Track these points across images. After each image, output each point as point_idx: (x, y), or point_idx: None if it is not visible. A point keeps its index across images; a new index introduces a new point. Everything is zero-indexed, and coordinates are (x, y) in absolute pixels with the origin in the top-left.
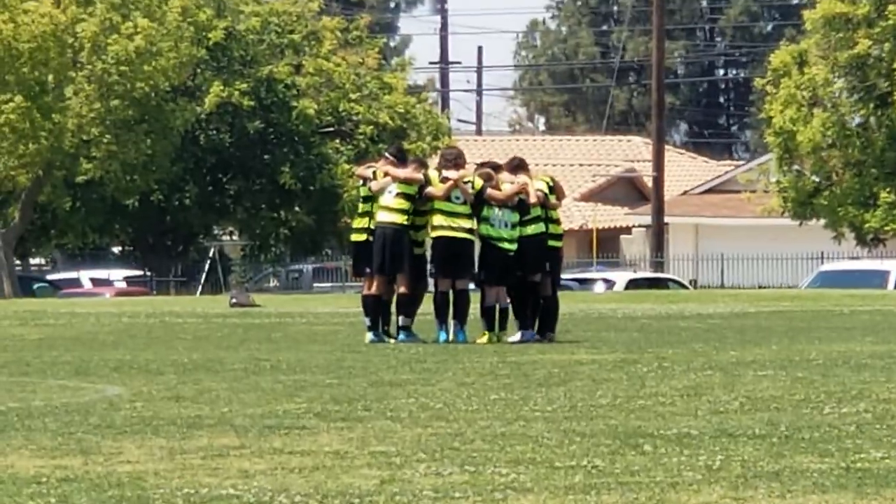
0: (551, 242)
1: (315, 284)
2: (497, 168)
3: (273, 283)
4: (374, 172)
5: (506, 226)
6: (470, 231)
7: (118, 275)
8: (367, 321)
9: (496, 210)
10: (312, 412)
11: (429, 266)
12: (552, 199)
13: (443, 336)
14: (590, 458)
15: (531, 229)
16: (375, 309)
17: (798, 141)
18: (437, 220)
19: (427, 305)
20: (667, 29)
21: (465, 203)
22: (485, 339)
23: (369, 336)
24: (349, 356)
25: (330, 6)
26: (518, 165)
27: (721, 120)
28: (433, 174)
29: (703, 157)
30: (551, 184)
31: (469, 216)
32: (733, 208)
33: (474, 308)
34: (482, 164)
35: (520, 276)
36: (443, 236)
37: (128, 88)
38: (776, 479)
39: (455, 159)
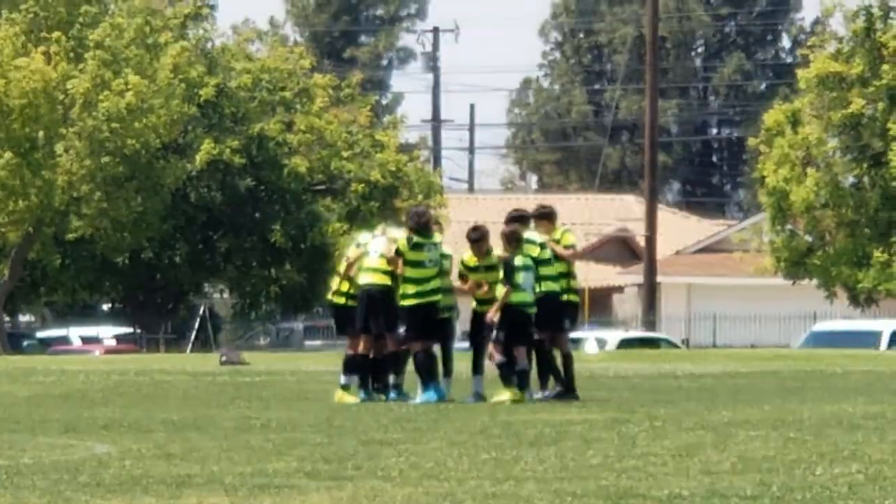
0: (571, 297)
1: (306, 342)
2: (524, 219)
3: (263, 340)
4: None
5: (531, 289)
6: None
7: (107, 332)
8: (343, 379)
9: (522, 274)
10: (302, 471)
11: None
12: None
13: (432, 395)
14: None
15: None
16: (363, 368)
17: (791, 200)
18: (410, 289)
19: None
20: (660, 88)
21: (436, 266)
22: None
23: (360, 394)
24: (339, 415)
25: (322, 63)
26: (543, 215)
27: (714, 179)
28: (401, 237)
29: (696, 216)
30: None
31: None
32: (726, 268)
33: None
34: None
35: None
36: (419, 304)
37: (118, 145)
38: None
39: (427, 221)
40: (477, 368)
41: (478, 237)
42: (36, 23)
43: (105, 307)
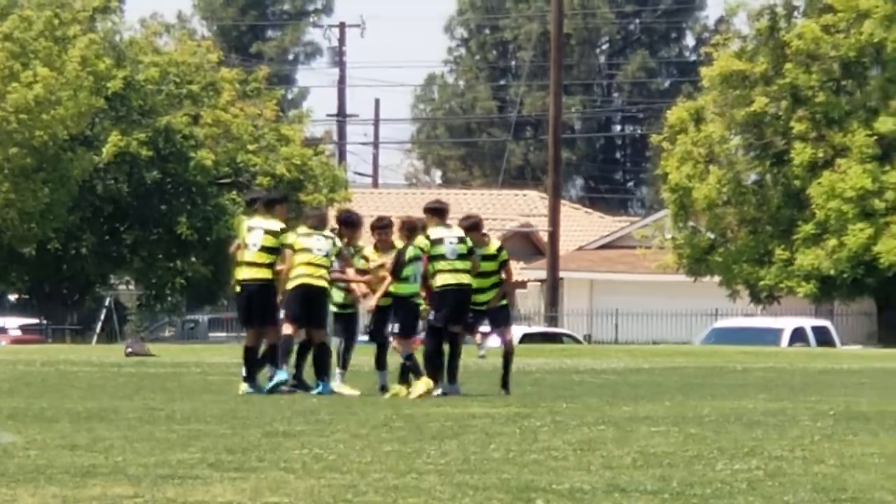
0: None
1: (210, 334)
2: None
3: (169, 332)
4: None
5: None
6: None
7: (13, 323)
8: (244, 371)
9: (411, 266)
10: (206, 462)
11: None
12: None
13: (282, 376)
14: None
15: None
16: (249, 362)
17: (694, 197)
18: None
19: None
20: (564, 84)
21: (326, 255)
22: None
23: (246, 388)
24: (243, 406)
25: (229, 58)
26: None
27: (617, 175)
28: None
29: (599, 212)
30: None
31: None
32: (628, 264)
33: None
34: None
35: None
36: (303, 284)
37: (26, 137)
38: None
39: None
40: (380, 364)
41: (382, 225)
42: None
43: (11, 297)
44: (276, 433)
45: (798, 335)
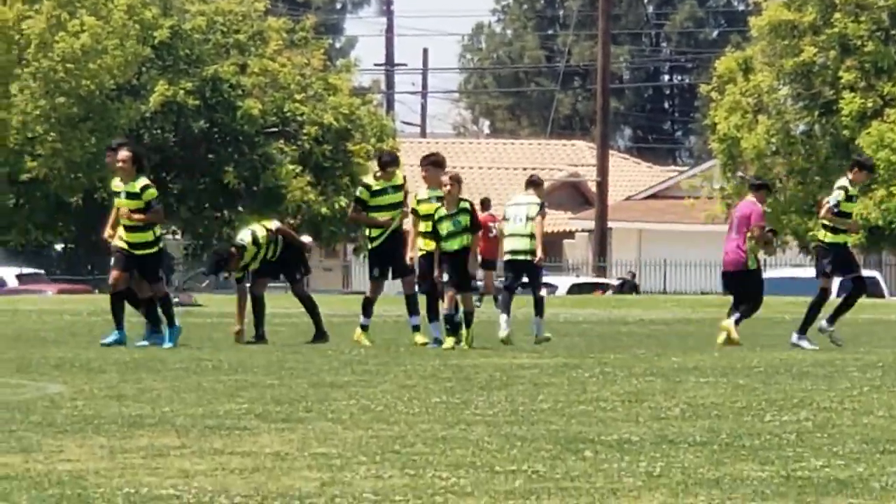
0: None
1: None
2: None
3: (205, 283)
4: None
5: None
6: None
7: (10, 272)
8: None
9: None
10: (253, 413)
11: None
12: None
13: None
14: (530, 462)
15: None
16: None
17: (742, 148)
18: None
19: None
20: (612, 34)
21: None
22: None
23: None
24: (291, 357)
25: (276, 6)
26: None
27: (665, 126)
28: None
29: (647, 162)
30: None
31: None
32: (677, 214)
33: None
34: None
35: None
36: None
37: (73, 86)
38: (716, 486)
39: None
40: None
41: (429, 162)
42: None
43: (58, 247)
44: (323, 384)
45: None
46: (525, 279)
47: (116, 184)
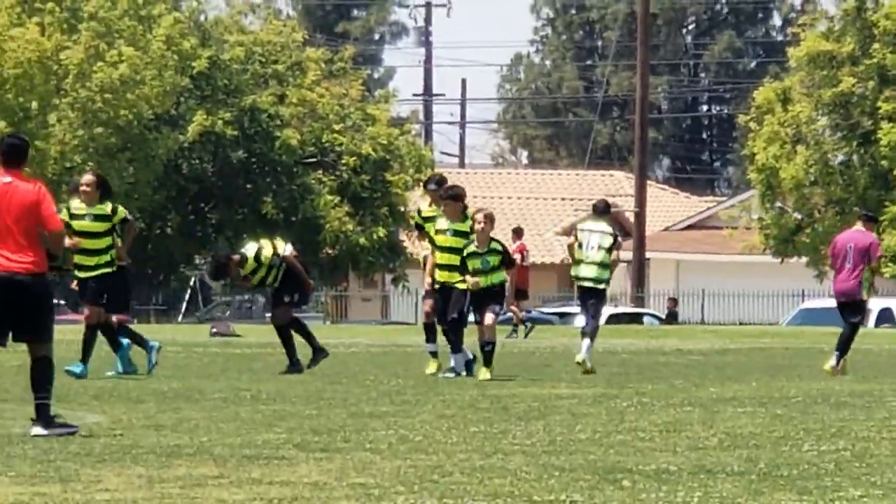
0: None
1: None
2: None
3: (226, 312)
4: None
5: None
6: None
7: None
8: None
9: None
10: (292, 443)
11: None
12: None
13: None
14: (568, 492)
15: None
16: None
17: (781, 178)
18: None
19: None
20: (651, 64)
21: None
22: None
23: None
24: (329, 387)
25: (314, 37)
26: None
27: (704, 156)
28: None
29: (686, 192)
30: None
31: None
32: (715, 244)
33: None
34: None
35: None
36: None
37: (111, 116)
38: None
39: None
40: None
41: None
42: None
43: None
44: (361, 414)
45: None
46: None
47: (77, 205)
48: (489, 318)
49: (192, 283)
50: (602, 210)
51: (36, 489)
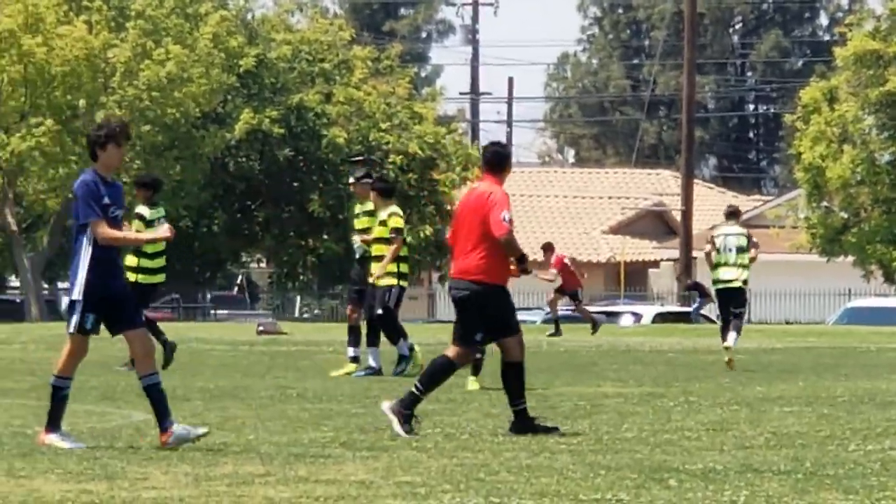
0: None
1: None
2: None
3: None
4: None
5: None
6: None
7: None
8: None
9: None
10: (338, 441)
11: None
12: None
13: None
14: (614, 491)
15: None
16: None
17: (827, 177)
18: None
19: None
20: (698, 63)
21: None
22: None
23: None
24: (375, 385)
25: (361, 36)
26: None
27: (750, 155)
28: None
29: (732, 191)
30: None
31: None
32: (761, 243)
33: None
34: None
35: None
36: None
37: (158, 114)
38: None
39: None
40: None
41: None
42: None
43: None
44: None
45: None
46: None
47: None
48: None
49: (238, 281)
50: (733, 213)
51: (82, 486)
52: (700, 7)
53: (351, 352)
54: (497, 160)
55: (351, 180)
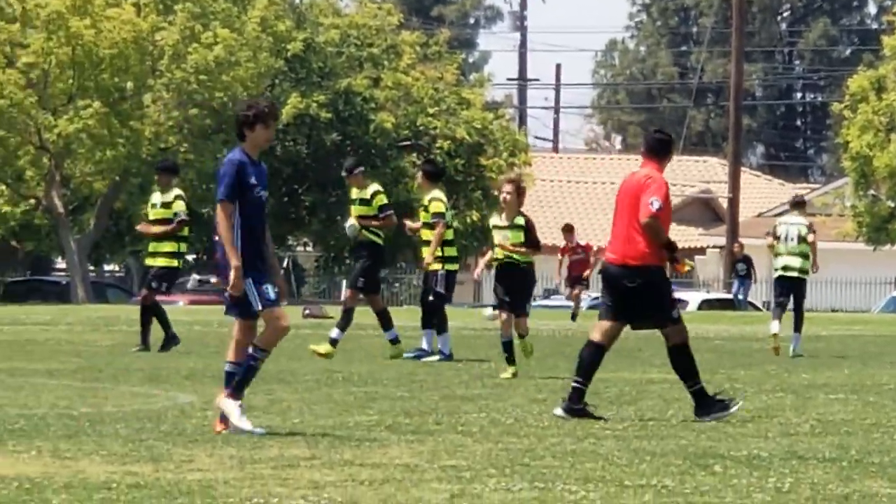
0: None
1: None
2: None
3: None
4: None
5: None
6: None
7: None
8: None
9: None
10: (383, 425)
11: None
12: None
13: None
14: (659, 477)
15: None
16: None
17: (874, 166)
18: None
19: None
20: (745, 51)
21: None
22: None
23: None
24: (421, 369)
25: (410, 21)
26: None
27: (798, 143)
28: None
29: (779, 179)
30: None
31: None
32: None
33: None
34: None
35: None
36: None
37: (206, 98)
38: (845, 502)
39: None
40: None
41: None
42: None
43: (190, 257)
44: (453, 397)
45: None
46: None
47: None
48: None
49: (284, 265)
50: (799, 203)
51: (127, 468)
52: None
53: (334, 333)
54: (659, 147)
55: (343, 173)
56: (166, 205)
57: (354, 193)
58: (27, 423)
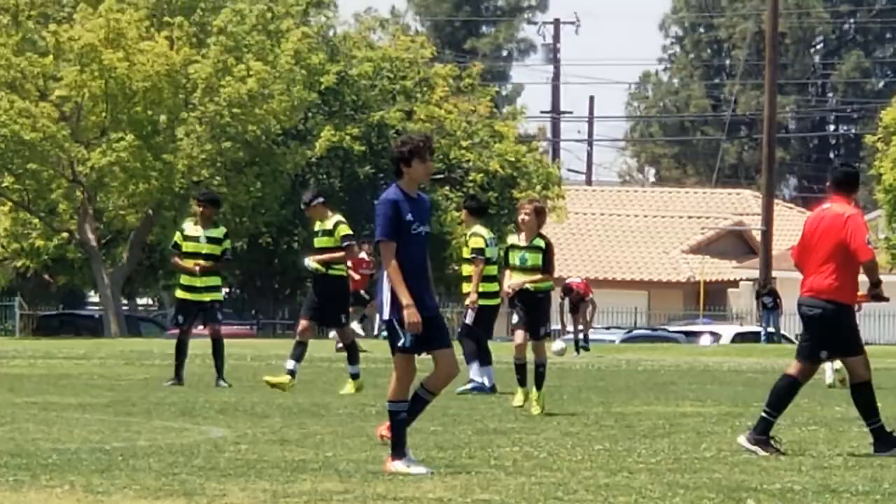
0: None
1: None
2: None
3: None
4: None
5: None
6: None
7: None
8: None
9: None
10: (417, 458)
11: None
12: None
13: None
14: None
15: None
16: None
17: None
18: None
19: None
20: (779, 83)
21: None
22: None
23: None
24: (454, 403)
25: (443, 53)
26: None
27: None
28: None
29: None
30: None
31: None
32: None
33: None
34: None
35: None
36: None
37: (239, 130)
38: None
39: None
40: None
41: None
42: (159, 7)
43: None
44: (486, 430)
45: None
46: None
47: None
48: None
49: None
50: None
51: (160, 502)
52: (781, 27)
53: (290, 364)
54: (847, 180)
55: (302, 206)
56: (212, 240)
57: (317, 225)
58: (60, 457)
